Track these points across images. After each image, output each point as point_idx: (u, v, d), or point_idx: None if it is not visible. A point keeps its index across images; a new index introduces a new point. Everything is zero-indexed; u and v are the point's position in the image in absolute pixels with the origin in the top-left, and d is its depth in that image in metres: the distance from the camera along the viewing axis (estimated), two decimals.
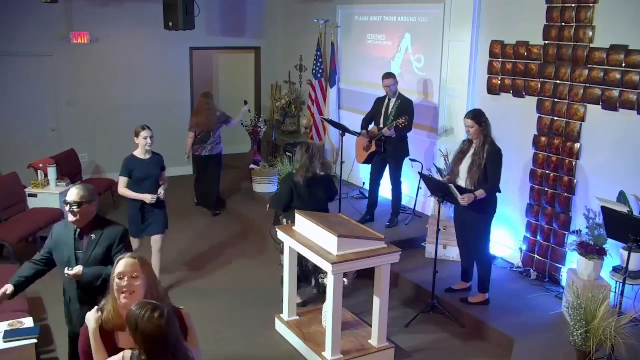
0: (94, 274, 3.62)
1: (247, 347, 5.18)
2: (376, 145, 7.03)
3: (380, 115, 7.10)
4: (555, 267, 6.00)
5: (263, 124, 9.50)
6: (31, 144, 9.05)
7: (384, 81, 6.99)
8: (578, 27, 5.61)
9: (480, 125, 5.34)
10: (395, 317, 5.58)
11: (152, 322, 2.43)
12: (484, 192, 5.28)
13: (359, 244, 4.65)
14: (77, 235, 3.69)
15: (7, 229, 6.65)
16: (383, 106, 7.08)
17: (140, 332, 2.44)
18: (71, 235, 3.69)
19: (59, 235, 3.75)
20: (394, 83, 6.99)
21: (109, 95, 9.65)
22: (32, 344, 4.44)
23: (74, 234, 3.69)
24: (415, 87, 7.79)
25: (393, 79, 7.00)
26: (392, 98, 7.02)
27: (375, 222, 7.30)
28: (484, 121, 5.36)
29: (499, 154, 5.38)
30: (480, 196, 5.27)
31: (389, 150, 7.02)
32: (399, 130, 6.85)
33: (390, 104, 7.02)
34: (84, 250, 3.67)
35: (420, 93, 7.75)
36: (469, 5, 6.76)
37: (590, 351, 3.96)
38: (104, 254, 3.65)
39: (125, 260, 2.84)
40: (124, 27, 9.57)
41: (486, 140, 5.36)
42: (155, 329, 2.43)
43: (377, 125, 7.10)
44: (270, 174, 8.69)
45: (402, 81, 7.96)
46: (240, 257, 7.12)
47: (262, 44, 10.96)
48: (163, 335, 2.43)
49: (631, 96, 5.21)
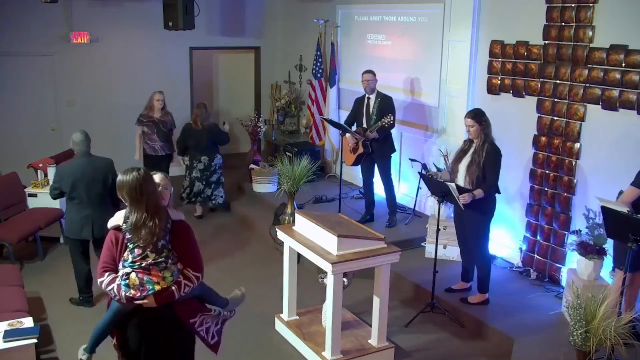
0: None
1: (247, 347, 5.18)
2: (363, 146, 7.02)
3: (362, 115, 7.10)
4: (555, 267, 6.00)
5: (263, 124, 9.50)
6: (31, 144, 9.05)
7: (363, 76, 7.04)
8: (578, 27, 5.61)
9: (480, 124, 5.35)
10: (395, 317, 5.58)
11: (133, 175, 3.39)
12: (482, 192, 5.29)
13: (359, 244, 4.65)
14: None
15: (7, 229, 6.65)
16: (364, 106, 7.09)
17: (124, 182, 3.39)
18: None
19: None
20: (372, 79, 7.02)
21: (109, 95, 9.66)
22: (32, 344, 4.45)
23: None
24: (415, 87, 7.79)
25: (372, 75, 7.03)
26: (370, 96, 7.03)
27: (375, 222, 7.30)
28: (484, 121, 5.37)
29: (498, 155, 5.39)
30: (478, 196, 5.28)
31: (375, 149, 7.03)
32: (385, 130, 6.85)
33: (371, 102, 7.03)
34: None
35: (420, 93, 7.75)
36: (469, 5, 6.76)
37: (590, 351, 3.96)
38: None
39: (159, 175, 3.64)
40: (124, 27, 9.57)
41: (486, 139, 5.37)
42: (133, 179, 3.37)
43: (361, 126, 7.09)
44: (270, 174, 8.68)
45: (402, 81, 7.98)
46: (240, 257, 7.12)
47: (262, 44, 10.96)
48: (139, 185, 3.37)
49: (631, 96, 5.21)
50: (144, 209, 3.37)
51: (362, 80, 7.05)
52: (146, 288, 3.39)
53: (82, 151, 5.54)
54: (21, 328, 4.52)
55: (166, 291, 3.42)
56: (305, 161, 6.83)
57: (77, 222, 5.52)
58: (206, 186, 8.10)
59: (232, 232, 7.92)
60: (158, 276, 3.42)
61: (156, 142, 8.07)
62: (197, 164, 8.01)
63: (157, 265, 3.41)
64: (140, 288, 3.39)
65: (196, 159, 8.00)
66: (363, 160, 7.17)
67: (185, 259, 3.53)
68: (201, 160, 8.00)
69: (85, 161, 5.51)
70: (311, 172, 6.89)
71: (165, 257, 3.43)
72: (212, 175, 8.09)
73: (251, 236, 7.76)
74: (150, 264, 3.39)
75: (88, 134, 5.62)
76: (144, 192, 3.37)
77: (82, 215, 5.49)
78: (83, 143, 5.51)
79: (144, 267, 3.40)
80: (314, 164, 7.03)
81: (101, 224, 5.25)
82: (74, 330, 5.33)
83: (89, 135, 5.62)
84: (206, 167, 8.01)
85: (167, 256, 3.44)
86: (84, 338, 5.17)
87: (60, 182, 5.48)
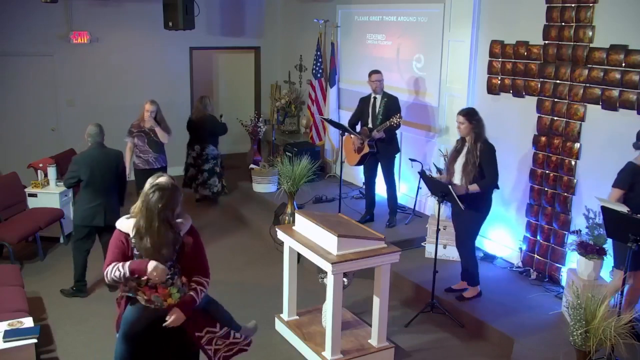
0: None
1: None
2: (369, 146, 7.02)
3: (367, 115, 7.09)
4: (555, 267, 6.00)
5: (263, 124, 9.50)
6: (31, 144, 9.05)
7: (373, 76, 7.01)
8: (578, 27, 5.61)
9: (471, 123, 5.38)
10: (395, 317, 5.58)
11: (155, 198, 3.28)
12: (478, 188, 5.33)
13: (359, 244, 4.65)
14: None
15: (7, 229, 6.65)
16: (369, 105, 7.08)
17: (145, 202, 3.31)
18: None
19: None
20: (382, 79, 7.02)
21: (109, 95, 9.66)
22: (32, 344, 4.44)
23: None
24: (415, 87, 7.79)
25: (381, 75, 7.04)
26: (377, 96, 7.03)
27: (375, 222, 7.30)
28: (477, 120, 5.40)
29: (492, 151, 5.41)
30: (473, 191, 5.31)
31: (381, 149, 7.02)
32: (391, 130, 6.85)
33: (377, 102, 7.02)
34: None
35: (420, 93, 7.75)
36: (469, 5, 6.77)
37: (590, 351, 3.96)
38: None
39: (165, 178, 3.44)
40: (124, 27, 9.57)
41: (478, 139, 5.38)
42: (157, 199, 3.29)
43: (366, 126, 7.09)
44: (270, 174, 8.68)
45: (402, 81, 7.98)
46: (240, 257, 7.12)
47: (262, 44, 10.96)
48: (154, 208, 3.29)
49: (631, 96, 5.21)
50: (156, 230, 3.30)
51: (372, 81, 7.02)
52: (156, 303, 3.38)
53: (96, 142, 5.93)
54: (21, 328, 4.51)
55: (186, 300, 3.41)
56: (305, 161, 6.83)
57: (89, 209, 5.83)
58: (199, 172, 8.65)
59: (232, 232, 7.91)
60: (165, 293, 3.39)
61: (149, 154, 7.21)
62: (191, 152, 8.67)
63: (163, 282, 3.37)
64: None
65: (191, 148, 8.66)
66: (366, 159, 7.17)
67: (195, 265, 3.50)
68: (194, 149, 8.61)
69: (99, 151, 5.92)
70: (311, 172, 6.89)
71: (172, 274, 3.40)
72: (205, 163, 8.58)
73: (251, 236, 7.76)
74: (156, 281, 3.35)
75: (102, 127, 6.04)
76: (161, 211, 3.30)
77: (96, 204, 5.81)
78: (98, 135, 5.95)
79: (150, 285, 3.36)
80: (314, 164, 7.03)
81: (112, 211, 5.84)
82: (74, 330, 5.33)
83: (103, 128, 6.03)
84: (198, 155, 8.58)
85: (173, 273, 3.41)
86: (84, 338, 5.21)
87: (79, 171, 5.82)
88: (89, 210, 5.81)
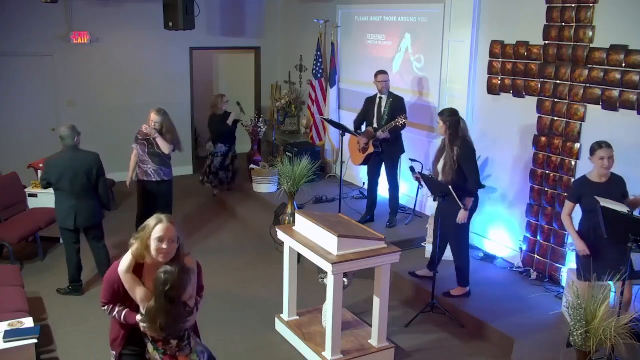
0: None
1: (247, 347, 5.18)
2: (374, 146, 7.02)
3: (373, 115, 7.09)
4: (555, 267, 6.01)
5: (263, 124, 9.50)
6: (31, 144, 9.04)
7: (379, 77, 7.01)
8: (578, 27, 5.61)
9: (444, 123, 5.39)
10: (395, 317, 5.58)
11: (168, 295, 3.09)
12: (470, 199, 5.42)
13: (359, 244, 4.65)
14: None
15: (7, 229, 6.65)
16: (375, 105, 7.08)
17: (158, 295, 3.11)
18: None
19: None
20: (388, 79, 7.03)
21: (109, 95, 9.65)
22: (32, 344, 4.45)
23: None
24: (416, 87, 7.79)
25: (387, 75, 7.05)
26: (383, 96, 7.03)
27: (375, 222, 7.30)
28: (450, 120, 5.40)
29: (470, 150, 5.45)
30: (468, 205, 5.40)
31: (385, 149, 7.03)
32: (396, 130, 6.85)
33: (382, 102, 7.03)
34: None
35: (420, 93, 7.76)
36: (469, 5, 6.77)
37: (590, 351, 3.96)
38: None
39: (165, 224, 3.19)
40: (124, 27, 9.57)
41: (453, 139, 5.39)
42: (167, 303, 3.10)
43: (371, 126, 7.09)
44: (270, 174, 8.69)
45: (402, 81, 7.97)
46: (240, 257, 7.12)
47: (262, 44, 10.96)
48: (167, 307, 3.11)
49: (631, 96, 5.21)
50: (165, 315, 3.16)
51: (378, 81, 7.02)
52: None
53: (68, 145, 5.85)
54: (21, 328, 4.52)
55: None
56: (305, 161, 6.83)
57: (62, 211, 5.87)
58: (210, 166, 9.01)
59: (232, 232, 7.91)
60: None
61: (148, 165, 6.60)
62: (209, 147, 9.08)
63: (182, 351, 3.29)
64: None
65: (207, 144, 9.16)
66: (371, 160, 7.17)
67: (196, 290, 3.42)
68: (206, 147, 9.19)
69: (70, 155, 5.84)
70: (311, 172, 6.89)
71: (186, 338, 3.31)
72: (214, 159, 8.92)
73: (251, 236, 7.76)
74: (175, 350, 3.27)
75: (75, 128, 5.93)
76: (171, 299, 3.14)
77: (68, 205, 5.83)
78: (69, 137, 5.84)
79: (169, 354, 3.28)
80: (314, 164, 7.03)
81: (85, 214, 5.86)
82: (74, 330, 5.33)
83: (76, 128, 5.94)
84: (210, 152, 8.98)
85: (187, 336, 3.33)
86: (84, 338, 5.21)
87: (48, 174, 5.81)
88: (61, 212, 5.87)
